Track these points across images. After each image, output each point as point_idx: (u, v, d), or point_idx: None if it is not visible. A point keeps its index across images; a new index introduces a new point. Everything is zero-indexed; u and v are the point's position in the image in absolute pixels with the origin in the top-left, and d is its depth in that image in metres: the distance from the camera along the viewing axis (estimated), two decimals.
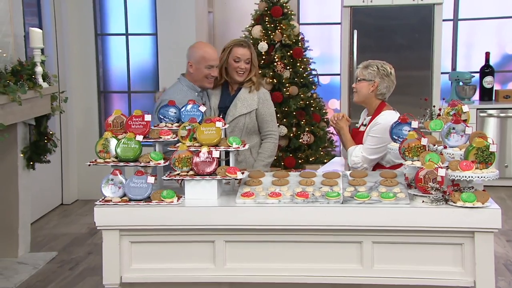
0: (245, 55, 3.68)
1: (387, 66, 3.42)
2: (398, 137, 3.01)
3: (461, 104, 3.02)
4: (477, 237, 2.63)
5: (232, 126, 3.67)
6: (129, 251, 2.81)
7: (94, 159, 2.93)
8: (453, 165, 2.69)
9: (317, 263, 2.74)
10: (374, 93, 3.40)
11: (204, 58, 3.61)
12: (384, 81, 3.38)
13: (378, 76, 3.37)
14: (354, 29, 6.28)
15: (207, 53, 3.63)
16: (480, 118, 6.54)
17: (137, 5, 6.30)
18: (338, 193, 2.76)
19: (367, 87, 3.39)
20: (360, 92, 3.43)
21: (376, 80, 3.37)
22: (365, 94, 3.41)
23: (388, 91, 3.42)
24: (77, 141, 6.26)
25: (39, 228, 5.39)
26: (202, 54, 3.62)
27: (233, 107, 3.69)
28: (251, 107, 3.69)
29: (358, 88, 3.43)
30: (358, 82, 3.43)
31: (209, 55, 3.63)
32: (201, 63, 3.61)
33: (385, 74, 3.38)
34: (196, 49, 3.68)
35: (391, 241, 2.71)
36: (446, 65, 7.04)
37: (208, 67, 3.61)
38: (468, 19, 7.09)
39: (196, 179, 2.80)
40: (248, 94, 3.71)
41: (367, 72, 3.39)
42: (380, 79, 3.37)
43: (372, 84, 3.38)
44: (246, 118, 3.69)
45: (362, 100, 3.45)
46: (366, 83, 3.39)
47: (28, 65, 4.35)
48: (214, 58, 3.65)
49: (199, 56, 3.62)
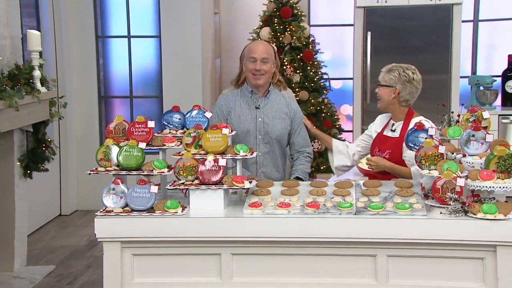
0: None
1: (410, 72, 3.39)
2: (414, 145, 3.01)
3: (482, 110, 3.02)
4: (499, 251, 2.63)
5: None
6: (131, 264, 2.82)
7: (94, 168, 2.95)
8: (473, 175, 2.69)
9: (329, 277, 2.75)
10: (397, 99, 3.39)
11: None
12: (406, 87, 3.37)
13: (399, 82, 3.37)
14: (368, 30, 6.28)
15: None
16: (502, 125, 6.51)
17: (140, 6, 6.34)
18: (351, 203, 2.77)
19: (388, 93, 3.40)
20: (382, 99, 3.44)
21: (397, 86, 3.37)
22: (387, 101, 3.42)
23: (412, 97, 3.42)
24: (76, 149, 6.30)
25: (36, 240, 5.42)
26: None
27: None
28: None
29: (380, 94, 3.44)
30: (381, 88, 3.43)
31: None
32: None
33: (407, 80, 3.37)
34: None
35: (407, 255, 2.71)
36: (465, 68, 7.02)
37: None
38: (489, 20, 7.08)
39: (201, 188, 2.82)
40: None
41: (388, 78, 3.39)
42: (401, 86, 3.37)
43: (393, 90, 3.38)
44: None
45: (385, 107, 3.46)
46: (388, 89, 3.39)
47: (25, 69, 4.39)
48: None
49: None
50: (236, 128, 3.47)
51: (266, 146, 3.54)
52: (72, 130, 6.26)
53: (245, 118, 3.54)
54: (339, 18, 7.25)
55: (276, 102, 3.59)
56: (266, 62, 3.50)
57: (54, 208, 6.18)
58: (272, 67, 3.57)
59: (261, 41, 3.62)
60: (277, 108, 3.58)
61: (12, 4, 4.62)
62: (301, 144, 3.64)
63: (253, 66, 3.49)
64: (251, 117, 3.54)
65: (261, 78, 3.51)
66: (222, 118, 3.56)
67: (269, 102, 3.58)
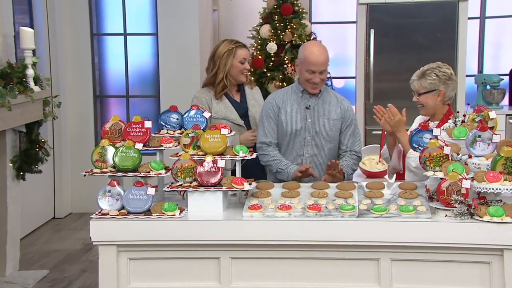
0: (248, 55, 3.83)
1: (445, 68, 3.33)
2: (419, 145, 3.02)
3: (488, 109, 3.03)
4: (506, 255, 2.63)
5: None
6: (127, 269, 2.83)
7: (89, 169, 2.96)
8: (479, 176, 2.70)
9: (331, 281, 2.75)
10: (442, 101, 3.33)
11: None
12: (448, 86, 3.30)
13: (441, 83, 3.29)
14: (371, 28, 6.29)
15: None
16: (510, 125, 6.53)
17: (136, 3, 6.35)
18: (353, 206, 2.78)
19: (433, 98, 3.31)
20: (427, 106, 3.34)
21: (441, 88, 3.29)
22: (433, 106, 3.33)
23: (454, 92, 3.37)
24: (71, 150, 6.31)
25: (29, 244, 5.42)
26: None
27: (253, 107, 3.82)
28: (262, 101, 3.88)
29: (423, 102, 3.34)
30: (422, 96, 3.33)
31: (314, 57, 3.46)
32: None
33: (447, 78, 3.30)
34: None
35: (411, 259, 2.72)
36: (471, 67, 7.04)
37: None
38: (496, 17, 7.09)
39: (199, 190, 2.82)
40: (252, 90, 3.92)
41: (427, 83, 3.30)
42: (444, 85, 3.29)
43: (438, 93, 3.30)
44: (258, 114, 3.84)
45: (432, 113, 3.37)
46: (431, 94, 3.31)
47: (18, 67, 4.39)
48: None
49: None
50: (284, 128, 3.50)
51: (314, 148, 3.51)
52: (66, 131, 6.27)
53: (294, 118, 3.51)
54: (341, 15, 7.26)
55: (328, 102, 3.55)
56: (323, 72, 3.49)
57: (48, 211, 6.19)
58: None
59: (319, 49, 3.48)
60: (329, 108, 3.53)
61: (4, 1, 4.63)
62: (348, 143, 3.55)
63: (311, 77, 3.46)
64: (301, 117, 3.52)
65: (319, 87, 3.51)
66: (273, 116, 3.54)
67: (320, 102, 3.54)
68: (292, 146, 3.53)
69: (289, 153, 3.53)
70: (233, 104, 3.78)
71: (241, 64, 3.76)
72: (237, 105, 3.79)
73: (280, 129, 3.54)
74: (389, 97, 5.38)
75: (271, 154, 3.51)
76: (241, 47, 3.80)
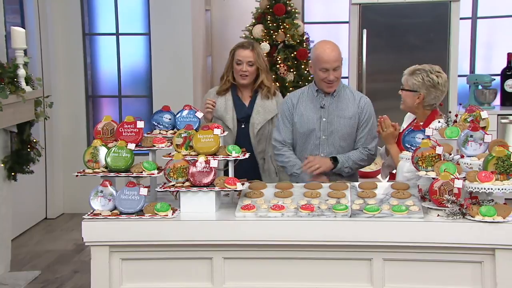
0: (247, 57, 3.77)
1: (434, 76, 3.29)
2: (411, 145, 3.03)
3: (480, 109, 3.04)
4: (498, 254, 2.65)
5: (260, 134, 3.79)
6: (119, 269, 2.82)
7: (82, 169, 2.95)
8: (471, 176, 2.71)
9: (323, 281, 2.76)
10: (421, 104, 3.33)
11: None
12: (430, 92, 3.29)
13: (423, 87, 3.28)
14: (364, 28, 6.30)
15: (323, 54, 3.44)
16: (502, 125, 6.55)
17: (129, 3, 6.34)
18: (346, 206, 2.78)
19: (412, 98, 3.32)
20: (405, 102, 3.37)
21: (421, 92, 3.29)
22: (410, 105, 3.35)
23: (437, 101, 3.34)
24: (63, 150, 6.29)
25: (21, 244, 5.40)
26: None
27: (257, 114, 3.80)
28: (273, 113, 3.82)
29: (403, 97, 3.37)
30: (403, 91, 3.36)
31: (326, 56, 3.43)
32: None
33: (431, 85, 3.28)
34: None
35: (404, 258, 2.73)
36: (463, 67, 7.06)
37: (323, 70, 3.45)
38: (488, 17, 7.12)
39: (192, 190, 2.82)
40: (267, 100, 3.83)
41: (412, 82, 3.31)
42: (426, 91, 3.28)
43: (417, 95, 3.30)
44: (270, 125, 3.82)
45: (408, 110, 3.41)
46: (411, 93, 3.32)
47: (9, 67, 4.38)
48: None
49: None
50: (298, 128, 3.50)
51: (330, 147, 3.50)
52: (58, 131, 6.25)
53: (308, 118, 3.51)
54: (334, 15, 7.27)
55: (344, 100, 3.53)
56: (337, 69, 3.46)
57: (40, 212, 6.16)
58: (341, 71, 3.50)
59: (330, 46, 3.46)
60: (345, 107, 3.51)
61: None
62: (362, 140, 3.53)
63: (325, 75, 3.44)
64: (316, 117, 3.51)
65: (334, 85, 3.49)
66: (288, 115, 3.55)
67: (336, 101, 3.52)
68: (306, 146, 3.53)
69: (304, 153, 3.53)
70: (236, 104, 3.79)
71: (237, 65, 3.77)
72: (240, 107, 3.80)
73: (294, 129, 3.55)
74: (381, 97, 5.40)
75: (285, 155, 3.53)
76: (244, 48, 3.79)
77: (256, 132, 3.80)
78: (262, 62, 3.82)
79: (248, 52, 3.78)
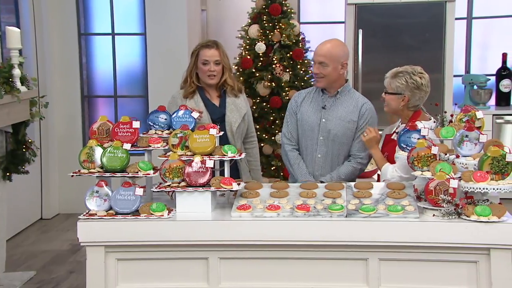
0: (213, 56, 3.67)
1: (417, 77, 3.28)
2: (407, 145, 3.04)
3: (475, 109, 3.05)
4: (493, 254, 2.66)
5: (237, 133, 3.72)
6: (115, 270, 2.82)
7: (77, 170, 2.95)
8: (466, 176, 2.72)
9: (319, 281, 2.76)
10: (406, 106, 3.32)
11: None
12: (415, 94, 3.28)
13: (407, 90, 3.27)
14: (359, 28, 6.32)
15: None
16: (497, 125, 6.57)
17: (124, 3, 6.33)
18: (341, 206, 2.79)
19: (397, 101, 3.31)
20: (389, 105, 3.35)
21: (405, 94, 3.28)
22: (395, 108, 3.34)
23: (421, 101, 3.34)
24: (58, 150, 6.27)
25: (16, 245, 5.39)
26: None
27: (231, 113, 3.72)
28: (243, 111, 3.77)
29: (387, 100, 3.36)
30: (387, 94, 3.35)
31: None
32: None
33: (415, 87, 3.27)
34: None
35: (399, 258, 2.73)
36: (459, 67, 7.08)
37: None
38: (483, 18, 7.14)
39: (188, 190, 2.82)
40: (236, 98, 3.76)
41: (395, 85, 3.29)
42: (410, 93, 3.27)
43: (401, 98, 3.29)
44: (242, 124, 3.75)
45: (393, 113, 3.41)
46: (395, 96, 3.30)
47: (4, 67, 4.36)
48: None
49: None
50: (300, 126, 3.52)
51: (326, 148, 3.49)
52: (53, 131, 6.24)
53: (309, 117, 3.52)
54: (329, 15, 7.28)
55: (346, 104, 3.51)
56: (323, 65, 3.43)
57: (35, 212, 6.15)
58: (335, 71, 3.45)
59: (329, 42, 3.49)
60: (345, 110, 3.50)
61: None
62: (355, 148, 3.51)
63: (314, 68, 3.47)
64: (316, 117, 3.51)
65: (320, 81, 3.47)
66: (293, 113, 3.57)
67: (337, 103, 3.51)
68: (306, 145, 3.54)
69: (304, 152, 3.55)
70: (207, 105, 3.70)
71: (204, 65, 3.65)
72: (212, 108, 3.70)
73: (297, 127, 3.56)
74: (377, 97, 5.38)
75: (290, 155, 3.53)
76: (208, 47, 3.67)
77: (235, 130, 3.71)
78: (227, 60, 3.74)
79: (214, 51, 3.67)
